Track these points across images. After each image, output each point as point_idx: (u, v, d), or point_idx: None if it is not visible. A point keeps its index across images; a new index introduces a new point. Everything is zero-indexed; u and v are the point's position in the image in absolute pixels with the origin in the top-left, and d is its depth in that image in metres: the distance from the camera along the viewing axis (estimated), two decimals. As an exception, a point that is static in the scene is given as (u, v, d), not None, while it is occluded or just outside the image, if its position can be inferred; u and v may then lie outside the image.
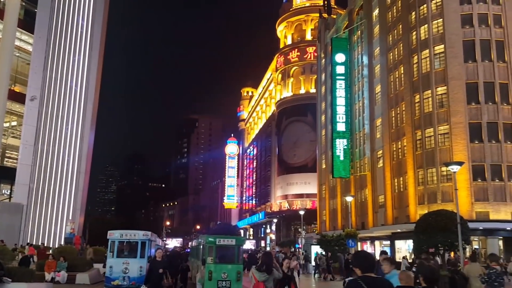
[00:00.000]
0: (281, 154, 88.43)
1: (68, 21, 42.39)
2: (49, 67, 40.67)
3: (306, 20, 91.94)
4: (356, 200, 51.50)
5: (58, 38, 41.51)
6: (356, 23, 57.16)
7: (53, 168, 39.48)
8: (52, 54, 40.99)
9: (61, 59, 41.40)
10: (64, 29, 41.98)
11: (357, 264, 4.58)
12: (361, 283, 4.30)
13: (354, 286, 4.37)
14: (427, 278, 4.86)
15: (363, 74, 53.60)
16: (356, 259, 4.70)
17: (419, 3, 42.76)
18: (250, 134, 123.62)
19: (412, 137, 41.59)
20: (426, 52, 41.39)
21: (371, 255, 4.82)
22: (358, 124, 54.25)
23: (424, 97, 41.02)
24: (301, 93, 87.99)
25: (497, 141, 37.48)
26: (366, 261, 4.55)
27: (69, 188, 40.13)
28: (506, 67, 38.80)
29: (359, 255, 4.84)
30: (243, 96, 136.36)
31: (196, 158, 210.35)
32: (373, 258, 4.90)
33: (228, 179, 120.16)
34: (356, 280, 4.39)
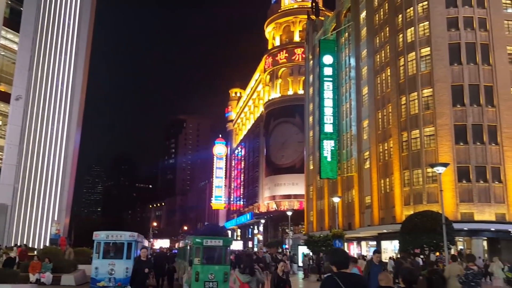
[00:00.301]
0: (269, 155, 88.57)
1: (54, 20, 42.02)
2: (35, 66, 40.25)
3: (294, 22, 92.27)
4: (343, 201, 51.80)
5: (44, 37, 41.11)
6: (343, 25, 57.54)
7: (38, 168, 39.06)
8: (38, 53, 40.58)
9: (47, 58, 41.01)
10: (51, 28, 41.60)
11: (333, 261, 4.77)
12: (336, 279, 4.51)
13: (329, 282, 4.57)
14: (406, 279, 5.18)
15: (350, 76, 53.97)
16: (331, 257, 4.88)
17: (406, 6, 43.21)
18: (238, 135, 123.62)
19: (398, 138, 41.99)
20: (412, 54, 41.83)
21: (345, 253, 5.05)
22: (345, 126, 54.61)
23: (410, 99, 41.44)
24: (289, 94, 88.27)
25: (482, 143, 38.01)
26: (341, 258, 4.75)
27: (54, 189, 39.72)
28: (491, 70, 39.37)
29: (335, 253, 5.04)
30: (231, 96, 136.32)
31: (184, 158, 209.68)
32: (348, 255, 5.19)
33: (216, 180, 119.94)
34: (332, 276, 4.59)
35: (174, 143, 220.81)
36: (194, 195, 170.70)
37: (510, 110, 38.52)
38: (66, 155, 40.97)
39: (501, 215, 36.77)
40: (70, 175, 41.31)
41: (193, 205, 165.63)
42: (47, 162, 39.79)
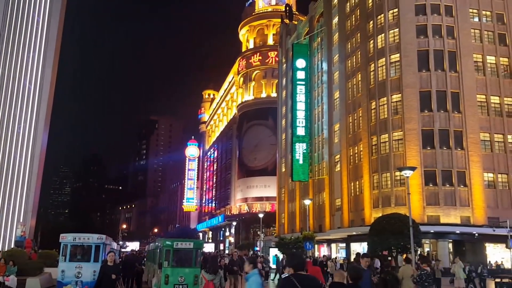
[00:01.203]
0: (241, 157, 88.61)
1: (23, 17, 40.98)
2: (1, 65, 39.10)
3: (268, 25, 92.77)
4: (314, 203, 52.34)
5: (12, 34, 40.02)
6: (316, 30, 58.26)
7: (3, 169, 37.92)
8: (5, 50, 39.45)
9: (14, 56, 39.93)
10: (19, 25, 40.53)
11: (291, 263, 5.37)
12: (293, 279, 5.00)
13: (287, 282, 5.13)
14: (352, 276, 5.98)
15: (322, 80, 54.67)
16: (289, 260, 5.55)
17: (377, 13, 44.13)
18: (211, 137, 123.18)
19: (368, 142, 42.78)
20: (382, 60, 42.73)
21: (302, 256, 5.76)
22: (317, 129, 55.24)
23: (380, 104, 42.30)
24: (262, 97, 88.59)
25: (448, 147, 39.14)
26: (297, 261, 5.35)
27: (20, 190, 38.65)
28: (457, 77, 40.60)
29: (292, 256, 5.75)
30: (204, 98, 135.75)
31: (156, 160, 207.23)
32: (304, 258, 6.07)
33: (188, 182, 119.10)
34: (289, 277, 5.11)
35: (146, 144, 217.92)
36: (165, 197, 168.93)
37: (475, 116, 39.82)
38: (33, 155, 39.94)
39: (466, 218, 37.93)
40: (37, 176, 40.29)
41: (164, 207, 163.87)
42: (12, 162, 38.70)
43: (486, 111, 40.43)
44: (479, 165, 38.85)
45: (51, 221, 76.87)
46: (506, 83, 41.30)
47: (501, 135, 40.14)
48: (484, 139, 39.76)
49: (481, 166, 38.88)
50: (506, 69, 41.89)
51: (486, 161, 39.18)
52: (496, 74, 41.43)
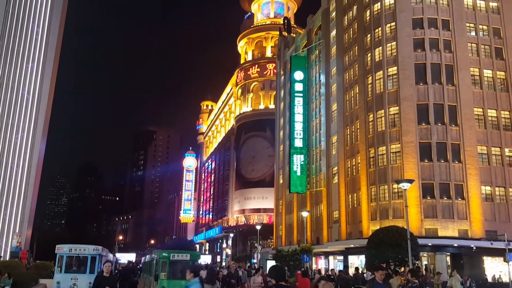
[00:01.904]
0: (239, 169, 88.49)
1: (22, 27, 41.16)
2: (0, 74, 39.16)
3: (267, 38, 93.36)
4: (311, 215, 52.19)
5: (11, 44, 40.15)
6: (314, 42, 58.66)
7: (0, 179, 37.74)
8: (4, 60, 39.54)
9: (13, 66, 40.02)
10: (18, 35, 40.69)
11: (273, 275, 5.88)
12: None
13: None
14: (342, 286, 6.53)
15: (320, 92, 54.90)
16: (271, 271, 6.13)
17: (374, 26, 44.50)
18: (209, 148, 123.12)
19: (366, 154, 42.83)
20: (380, 73, 42.98)
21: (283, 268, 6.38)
22: (315, 141, 55.32)
23: (377, 116, 42.44)
24: (260, 109, 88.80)
25: (446, 160, 39.20)
26: (279, 272, 5.89)
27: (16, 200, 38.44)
28: (454, 90, 40.82)
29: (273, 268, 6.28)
30: (202, 109, 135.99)
31: (153, 171, 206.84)
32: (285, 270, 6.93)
33: (185, 193, 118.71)
34: None
35: (143, 154, 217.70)
36: (162, 208, 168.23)
37: (472, 129, 39.97)
38: (30, 165, 39.82)
39: (463, 231, 37.85)
40: (33, 186, 40.13)
41: (161, 218, 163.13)
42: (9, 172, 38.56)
43: (483, 124, 40.59)
44: (476, 178, 38.90)
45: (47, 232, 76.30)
46: (503, 97, 41.55)
47: (498, 148, 40.26)
48: (481, 152, 39.86)
49: (478, 179, 38.92)
50: (503, 83, 42.17)
51: (483, 174, 39.23)
52: (493, 88, 41.69)
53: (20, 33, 41.18)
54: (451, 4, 42.69)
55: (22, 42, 41.35)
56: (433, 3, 42.64)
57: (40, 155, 41.42)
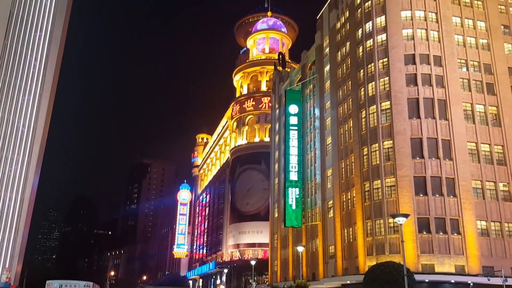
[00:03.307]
0: (234, 202, 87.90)
1: (20, 60, 41.59)
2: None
3: (262, 72, 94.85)
4: (307, 250, 51.51)
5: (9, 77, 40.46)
6: (308, 77, 59.56)
7: (-10, 213, 37.19)
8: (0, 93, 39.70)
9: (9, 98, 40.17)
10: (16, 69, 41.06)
11: None
12: None
13: None
14: None
15: (315, 125, 55.29)
16: None
17: (367, 62, 45.33)
18: (204, 181, 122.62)
19: (361, 188, 42.73)
20: (373, 107, 43.47)
21: None
22: (310, 174, 55.26)
23: (372, 150, 42.61)
24: (255, 141, 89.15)
25: (441, 194, 39.13)
26: None
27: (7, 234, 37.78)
28: (447, 125, 41.22)
29: None
30: (198, 142, 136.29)
31: (147, 204, 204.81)
32: None
33: (179, 227, 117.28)
34: None
35: (137, 187, 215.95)
36: (155, 243, 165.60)
37: (466, 163, 40.14)
38: (22, 198, 39.38)
39: (460, 267, 37.38)
40: (25, 220, 39.55)
41: (154, 253, 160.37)
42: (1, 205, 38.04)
43: (477, 159, 40.82)
44: (471, 212, 38.76)
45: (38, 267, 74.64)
46: (495, 131, 41.96)
47: (492, 182, 40.33)
48: (476, 186, 39.90)
49: (473, 214, 38.78)
50: (495, 118, 42.69)
51: (478, 208, 39.13)
52: (486, 123, 42.16)
53: (18, 66, 41.64)
54: (442, 41, 43.72)
55: (20, 75, 41.74)
56: (424, 40, 43.66)
57: (33, 188, 41.07)
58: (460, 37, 44.69)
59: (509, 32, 46.36)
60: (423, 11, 44.55)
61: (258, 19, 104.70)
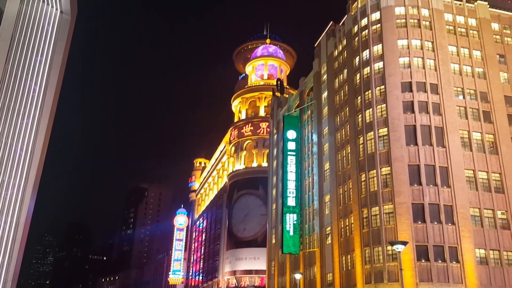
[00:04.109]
0: (231, 227, 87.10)
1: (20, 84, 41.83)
2: (-6, 130, 39.25)
3: (260, 97, 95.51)
4: (305, 277, 50.81)
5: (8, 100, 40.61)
6: (306, 103, 60.03)
7: (-15, 237, 36.73)
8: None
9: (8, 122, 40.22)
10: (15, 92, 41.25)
11: None
12: None
13: None
14: None
15: (313, 151, 55.40)
16: None
17: (364, 89, 45.81)
18: (201, 206, 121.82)
19: (359, 215, 42.52)
20: (371, 134, 43.69)
21: None
22: (308, 200, 55.04)
23: (370, 176, 42.61)
24: (253, 166, 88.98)
25: (439, 222, 38.95)
26: None
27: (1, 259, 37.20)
28: (445, 152, 41.38)
29: None
30: (195, 166, 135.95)
31: (143, 229, 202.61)
32: None
33: (175, 253, 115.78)
34: None
35: (134, 212, 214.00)
36: (150, 269, 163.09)
37: (464, 191, 40.11)
38: (17, 222, 38.96)
39: (460, 295, 36.88)
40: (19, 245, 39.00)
41: (149, 279, 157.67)
42: (-5, 230, 37.61)
43: (474, 186, 40.81)
44: (470, 240, 38.50)
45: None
46: (493, 159, 42.10)
47: (490, 210, 40.22)
48: (474, 214, 39.77)
49: (472, 242, 38.50)
50: (492, 146, 42.90)
51: (477, 236, 38.89)
52: (483, 150, 42.34)
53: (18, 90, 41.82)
54: (438, 69, 44.33)
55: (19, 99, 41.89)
56: (420, 68, 44.26)
57: (29, 213, 40.68)
58: (456, 65, 45.36)
59: (504, 61, 47.11)
60: (419, 40, 45.33)
61: (257, 46, 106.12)
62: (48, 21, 44.95)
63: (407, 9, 46.40)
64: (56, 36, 45.40)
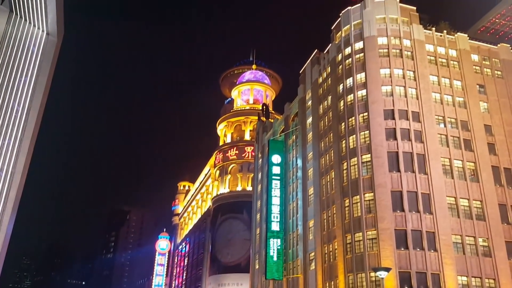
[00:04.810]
0: (214, 252, 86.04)
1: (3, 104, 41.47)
2: (-26, 150, 38.64)
3: (246, 122, 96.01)
4: (288, 304, 50.18)
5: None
6: (291, 128, 60.53)
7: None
8: (-21, 137, 39.22)
9: (-11, 143, 39.68)
10: None
11: None
12: None
13: None
14: None
15: (297, 175, 55.57)
16: None
17: (348, 116, 46.47)
18: (184, 230, 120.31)
19: (343, 240, 42.50)
20: (354, 160, 44.12)
21: None
22: (292, 225, 54.87)
23: (353, 202, 42.82)
24: (238, 190, 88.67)
25: (422, 248, 39.11)
26: None
27: (-26, 284, 36.08)
28: (427, 179, 41.91)
29: None
30: (179, 190, 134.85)
31: (124, 253, 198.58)
32: None
33: (156, 278, 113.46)
34: None
35: (115, 235, 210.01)
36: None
37: (446, 217, 40.50)
38: (-6, 246, 37.94)
39: (442, 323, 36.79)
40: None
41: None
42: (-30, 253, 36.55)
43: (456, 213, 41.26)
44: (452, 267, 38.67)
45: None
46: (474, 187, 42.75)
47: (472, 237, 40.59)
48: (456, 241, 40.08)
49: (454, 269, 38.68)
50: (473, 173, 43.64)
51: (459, 263, 39.10)
52: (464, 178, 43.02)
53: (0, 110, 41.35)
54: (420, 98, 45.30)
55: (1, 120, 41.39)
56: (402, 96, 45.17)
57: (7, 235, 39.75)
58: (437, 94, 46.46)
59: (484, 91, 48.44)
60: (401, 70, 46.43)
61: (243, 71, 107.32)
62: (33, 42, 44.96)
63: (389, 39, 47.64)
64: (42, 57, 45.34)
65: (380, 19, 48.52)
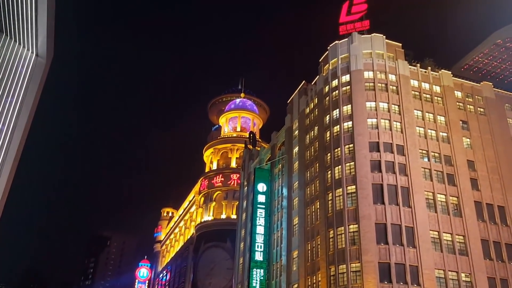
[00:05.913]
0: (196, 281, 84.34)
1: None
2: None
3: (232, 149, 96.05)
4: (269, 337, 49.08)
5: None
6: (278, 157, 60.67)
7: None
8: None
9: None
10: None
11: None
12: None
13: None
14: None
15: (282, 205, 55.37)
16: None
17: (334, 146, 46.85)
18: (166, 258, 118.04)
19: (327, 272, 42.07)
20: (339, 190, 44.21)
21: None
22: (276, 255, 54.27)
23: (338, 233, 42.64)
24: (222, 218, 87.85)
25: (405, 283, 38.87)
26: None
27: None
28: (411, 212, 42.08)
29: None
30: (162, 216, 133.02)
31: (103, 281, 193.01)
32: None
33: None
34: None
35: (94, 262, 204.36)
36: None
37: (429, 252, 40.50)
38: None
39: None
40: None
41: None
42: None
43: (439, 248, 41.33)
44: (435, 302, 38.41)
45: None
46: (457, 221, 43.02)
47: (455, 272, 40.55)
48: (439, 275, 39.99)
49: (437, 304, 38.42)
50: (456, 208, 43.99)
51: (442, 299, 38.88)
52: (447, 212, 43.31)
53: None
54: (404, 131, 45.98)
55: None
56: (387, 129, 45.80)
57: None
58: (421, 129, 47.23)
59: (467, 127, 49.45)
60: (386, 103, 47.25)
61: (231, 99, 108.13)
62: (22, 64, 44.89)
63: (375, 74, 48.65)
64: (29, 78, 45.19)
65: (367, 54, 49.66)
